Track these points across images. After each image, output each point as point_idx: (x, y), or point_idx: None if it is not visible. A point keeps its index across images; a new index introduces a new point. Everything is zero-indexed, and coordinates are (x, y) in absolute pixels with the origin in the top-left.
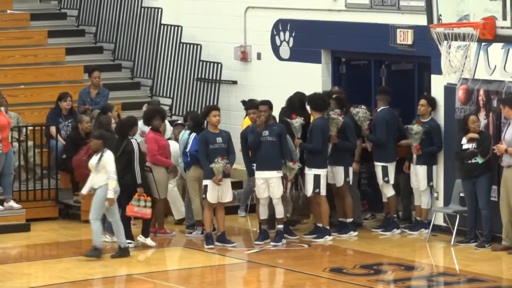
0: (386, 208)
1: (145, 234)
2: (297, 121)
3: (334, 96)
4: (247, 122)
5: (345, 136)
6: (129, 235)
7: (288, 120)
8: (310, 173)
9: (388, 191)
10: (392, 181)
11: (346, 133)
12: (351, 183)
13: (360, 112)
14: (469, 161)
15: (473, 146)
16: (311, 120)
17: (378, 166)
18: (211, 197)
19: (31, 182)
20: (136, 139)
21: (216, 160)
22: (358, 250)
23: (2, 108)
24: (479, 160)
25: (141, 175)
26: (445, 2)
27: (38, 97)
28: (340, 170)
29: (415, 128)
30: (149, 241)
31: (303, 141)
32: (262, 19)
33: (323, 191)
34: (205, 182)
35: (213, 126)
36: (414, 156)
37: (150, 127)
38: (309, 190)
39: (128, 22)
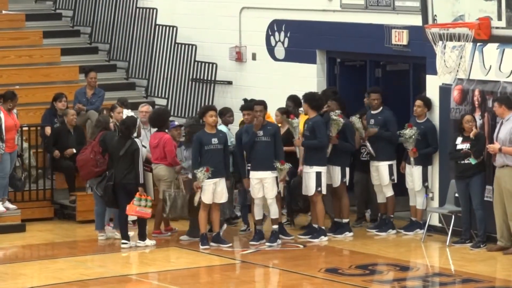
0: (382, 209)
1: (142, 237)
2: (296, 121)
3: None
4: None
5: (344, 137)
6: (125, 236)
7: (288, 120)
8: (311, 171)
9: (388, 191)
10: (395, 180)
11: (345, 134)
12: (347, 183)
13: (355, 121)
14: (463, 162)
15: (467, 147)
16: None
17: (384, 165)
18: (206, 197)
19: (26, 183)
20: (140, 139)
21: (201, 168)
22: (353, 251)
23: (15, 111)
24: (472, 161)
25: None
26: (440, 2)
27: (33, 97)
28: (337, 170)
29: (408, 132)
30: (148, 242)
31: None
32: (257, 20)
33: (324, 190)
34: None
35: (210, 126)
36: (412, 158)
37: (157, 129)
38: (311, 188)
39: (123, 23)
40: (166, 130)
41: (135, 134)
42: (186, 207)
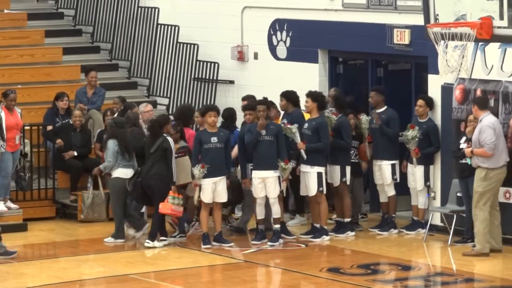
0: (383, 208)
1: (152, 237)
2: (295, 126)
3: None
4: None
5: (340, 135)
6: (163, 232)
7: (287, 126)
8: (313, 171)
9: (390, 190)
10: (398, 179)
11: (341, 132)
12: (348, 182)
13: (364, 121)
14: (462, 161)
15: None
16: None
17: (386, 165)
18: (206, 197)
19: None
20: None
21: (197, 166)
22: (355, 250)
23: (18, 110)
24: (468, 161)
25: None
26: (442, 2)
27: (35, 96)
28: (336, 169)
29: (410, 133)
30: (156, 243)
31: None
32: (259, 19)
33: (325, 189)
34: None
35: (210, 126)
36: (414, 158)
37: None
38: (312, 189)
39: (125, 22)
40: (191, 126)
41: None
42: (104, 209)
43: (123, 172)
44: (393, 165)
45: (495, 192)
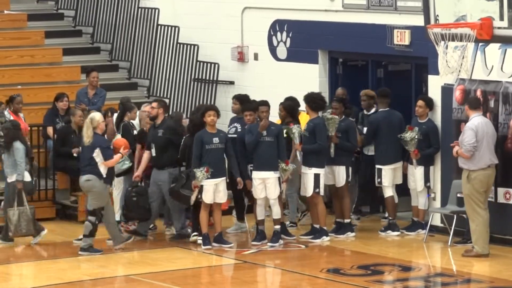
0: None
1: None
2: (296, 128)
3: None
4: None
5: (346, 137)
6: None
7: (288, 127)
8: (310, 172)
9: (385, 193)
10: (387, 183)
11: (348, 133)
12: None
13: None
14: None
15: None
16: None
17: (376, 168)
18: (207, 198)
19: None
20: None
21: (201, 168)
22: (355, 251)
23: (21, 115)
24: None
25: None
26: (442, 2)
27: (35, 97)
28: (341, 170)
29: (409, 135)
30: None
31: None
32: (259, 20)
33: (322, 191)
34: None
35: (209, 126)
36: (414, 159)
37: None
38: (309, 189)
39: (125, 23)
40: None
41: None
42: (32, 223)
43: (26, 175)
44: (378, 169)
45: (481, 193)
